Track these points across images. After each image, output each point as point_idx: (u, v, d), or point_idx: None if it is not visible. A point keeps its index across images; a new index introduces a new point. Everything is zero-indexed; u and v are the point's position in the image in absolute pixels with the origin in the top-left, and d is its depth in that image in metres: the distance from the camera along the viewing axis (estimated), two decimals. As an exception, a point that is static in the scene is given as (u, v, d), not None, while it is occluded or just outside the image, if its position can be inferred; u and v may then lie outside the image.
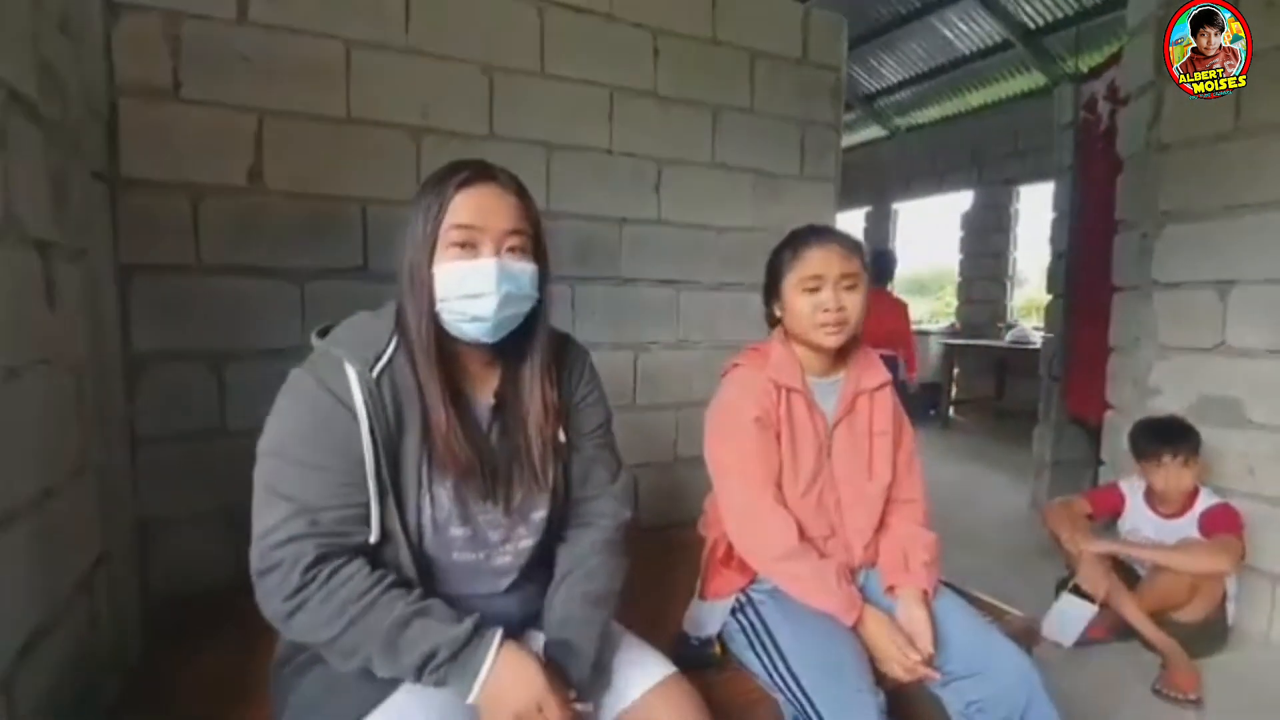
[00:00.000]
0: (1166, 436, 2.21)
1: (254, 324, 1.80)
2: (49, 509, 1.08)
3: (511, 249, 0.96)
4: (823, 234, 1.36)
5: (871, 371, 1.43)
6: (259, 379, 1.73)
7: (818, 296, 1.31)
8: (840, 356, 1.41)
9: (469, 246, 0.94)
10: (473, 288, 0.93)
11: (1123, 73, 2.96)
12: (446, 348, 0.98)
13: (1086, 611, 2.16)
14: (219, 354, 1.78)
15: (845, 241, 1.35)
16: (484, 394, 1.04)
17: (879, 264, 4.22)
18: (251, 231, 1.80)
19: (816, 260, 1.32)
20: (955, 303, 8.10)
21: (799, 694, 1.22)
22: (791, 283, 1.34)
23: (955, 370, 6.90)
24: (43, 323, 1.11)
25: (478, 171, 0.97)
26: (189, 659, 1.42)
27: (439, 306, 0.95)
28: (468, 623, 0.90)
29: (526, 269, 0.97)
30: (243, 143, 1.78)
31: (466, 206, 0.94)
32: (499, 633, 0.92)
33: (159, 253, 1.70)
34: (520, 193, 1.00)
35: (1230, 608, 2.22)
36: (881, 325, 3.36)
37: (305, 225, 1.85)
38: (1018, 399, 6.24)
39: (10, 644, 0.94)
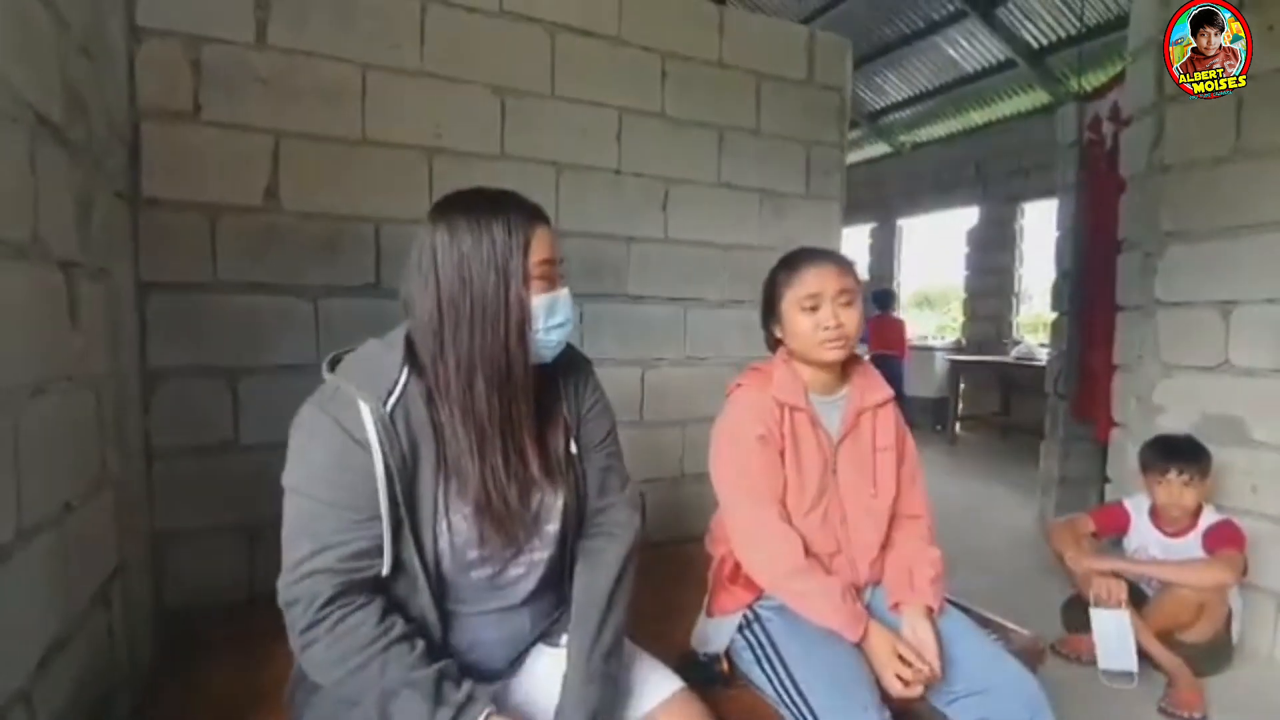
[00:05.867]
0: (1175, 453, 2.21)
1: (268, 340, 1.83)
2: (69, 522, 1.10)
3: (560, 276, 1.04)
4: (816, 254, 1.39)
5: (874, 388, 1.44)
6: (273, 394, 1.80)
7: (817, 315, 1.33)
8: (843, 373, 1.43)
9: (549, 279, 1.01)
10: (560, 316, 1.02)
11: (1125, 94, 2.99)
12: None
13: (1123, 618, 2.05)
14: (234, 369, 1.81)
15: (839, 259, 1.38)
16: None
17: (884, 298, 6.99)
18: (267, 250, 1.83)
19: (813, 279, 1.34)
20: (961, 318, 8.11)
21: (805, 710, 1.23)
22: (790, 303, 1.37)
23: (961, 386, 6.89)
24: (66, 341, 1.14)
25: (540, 209, 1.03)
26: (201, 671, 1.43)
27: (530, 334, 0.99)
28: (446, 712, 0.88)
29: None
30: (260, 163, 1.82)
31: (546, 242, 1.00)
32: (486, 714, 0.90)
33: (177, 270, 1.74)
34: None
35: (1235, 626, 2.21)
36: (888, 335, 6.71)
37: (319, 243, 1.89)
38: (1024, 415, 6.21)
39: (30, 655, 0.96)
